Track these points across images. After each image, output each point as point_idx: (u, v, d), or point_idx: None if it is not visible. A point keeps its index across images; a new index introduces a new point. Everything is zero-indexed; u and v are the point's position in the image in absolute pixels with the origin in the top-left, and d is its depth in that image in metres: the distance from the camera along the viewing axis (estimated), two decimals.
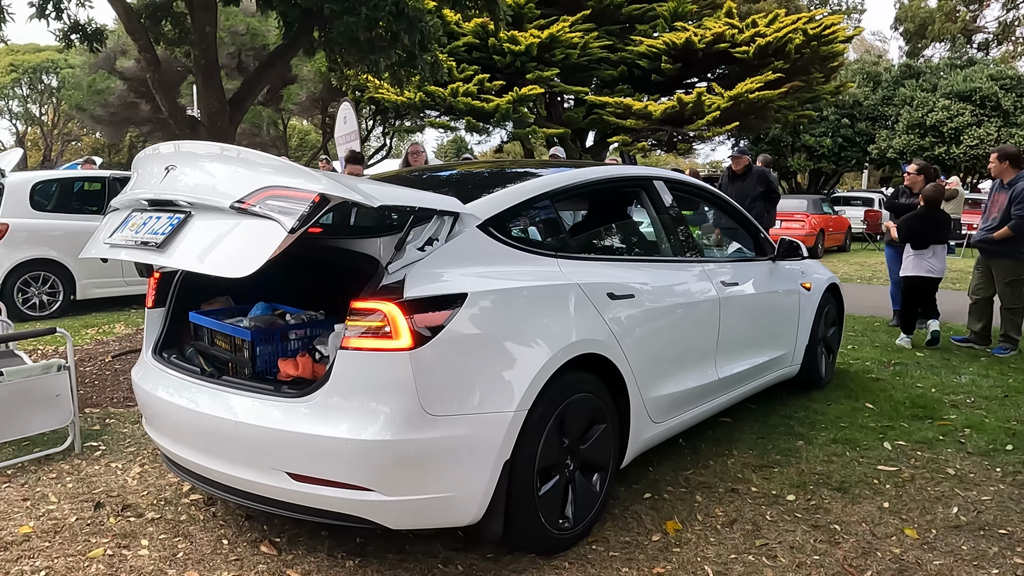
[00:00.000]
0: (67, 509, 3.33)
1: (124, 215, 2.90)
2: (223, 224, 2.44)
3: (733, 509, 3.36)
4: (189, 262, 2.48)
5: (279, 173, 2.43)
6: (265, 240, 2.28)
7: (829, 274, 5.31)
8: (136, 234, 2.70)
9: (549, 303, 2.89)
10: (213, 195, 2.49)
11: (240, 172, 2.51)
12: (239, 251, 2.36)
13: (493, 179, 3.53)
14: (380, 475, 2.46)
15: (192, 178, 2.64)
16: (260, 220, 2.34)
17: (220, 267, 2.38)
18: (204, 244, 2.46)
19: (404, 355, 2.44)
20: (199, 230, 2.51)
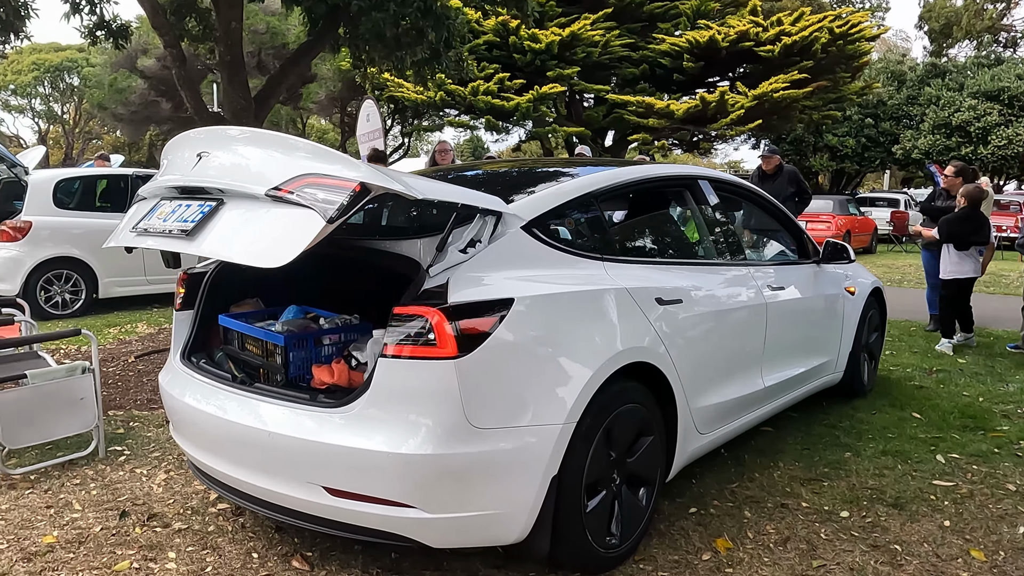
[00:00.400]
0: (92, 518, 3.22)
1: (152, 203, 2.77)
2: (257, 212, 2.31)
3: (785, 526, 3.19)
4: (219, 250, 2.36)
5: (318, 159, 2.29)
6: (301, 230, 2.14)
7: (873, 278, 5.12)
8: (164, 222, 2.57)
9: (598, 308, 2.73)
10: (247, 182, 2.35)
11: (277, 158, 2.38)
12: (273, 240, 2.22)
13: (532, 178, 3.39)
14: (423, 491, 2.32)
15: (225, 164, 2.51)
16: (297, 209, 2.19)
17: (252, 257, 2.24)
18: (236, 233, 2.33)
19: (449, 364, 2.30)
20: (231, 218, 2.37)
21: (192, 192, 2.59)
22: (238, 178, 2.41)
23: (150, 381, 5.35)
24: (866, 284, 4.95)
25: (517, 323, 2.43)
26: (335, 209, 2.12)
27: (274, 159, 2.39)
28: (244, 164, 2.49)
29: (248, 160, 2.50)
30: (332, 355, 2.91)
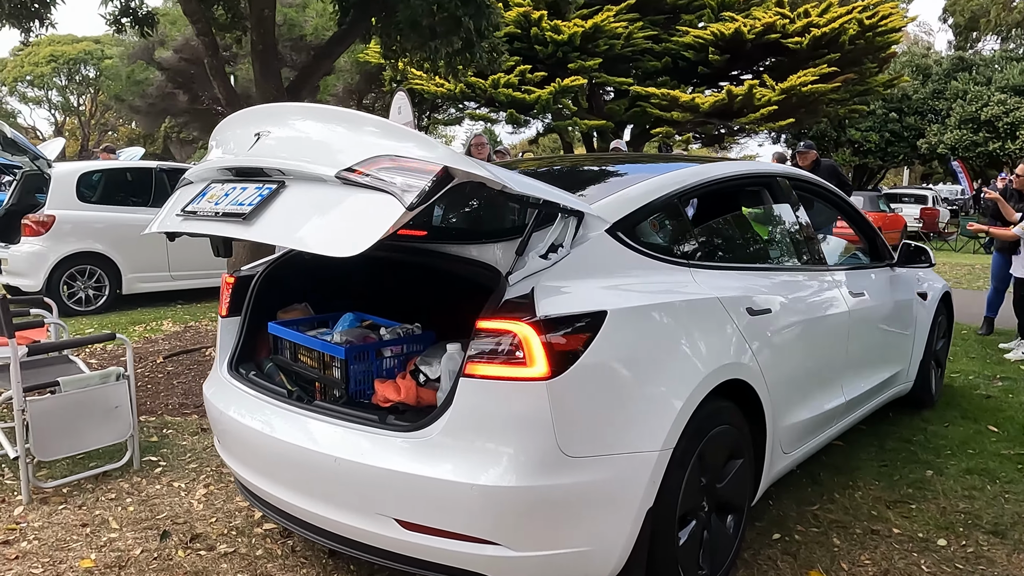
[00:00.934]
0: (131, 538, 3.00)
1: (200, 187, 2.51)
2: (325, 196, 2.04)
3: (880, 556, 2.93)
4: (281, 237, 2.11)
5: (396, 139, 2.04)
6: (378, 217, 1.87)
7: (942, 281, 4.84)
8: (216, 205, 2.30)
9: (693, 321, 2.48)
10: (314, 162, 2.09)
11: (346, 136, 2.14)
12: (345, 227, 1.96)
13: (605, 176, 3.13)
14: (510, 527, 2.08)
15: (288, 144, 2.25)
16: (372, 193, 1.93)
17: (321, 244, 1.98)
18: (301, 217, 2.07)
19: (540, 385, 2.05)
20: (294, 202, 2.11)
21: (248, 175, 2.32)
22: (303, 158, 2.13)
23: (181, 383, 5.14)
24: (937, 289, 4.67)
25: (611, 338, 2.18)
26: (416, 195, 1.86)
27: (343, 137, 2.15)
28: (309, 143, 2.23)
29: (313, 139, 2.25)
30: (394, 368, 2.67)
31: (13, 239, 7.77)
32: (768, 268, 3.19)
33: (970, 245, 18.22)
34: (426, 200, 1.87)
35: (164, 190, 8.27)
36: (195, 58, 26.31)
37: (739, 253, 3.23)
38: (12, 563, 2.79)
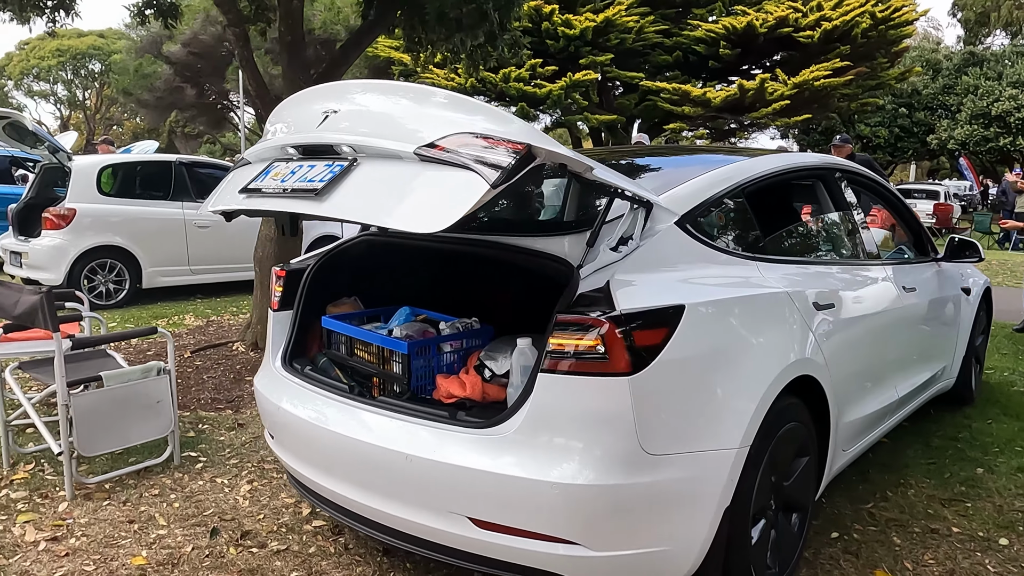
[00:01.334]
0: (180, 535, 2.95)
1: (262, 166, 2.42)
2: (401, 172, 1.97)
3: (944, 556, 2.88)
4: (358, 212, 2.01)
5: (476, 115, 1.98)
6: (461, 193, 1.80)
7: (984, 277, 4.77)
8: (283, 182, 2.22)
9: (765, 315, 2.43)
10: (390, 139, 2.01)
11: (421, 112, 2.07)
12: (427, 203, 1.89)
13: (665, 168, 3.07)
14: (589, 526, 2.02)
15: (360, 121, 2.17)
16: (452, 170, 1.86)
17: (401, 220, 1.92)
18: (377, 194, 2.00)
19: (622, 381, 2.00)
20: (369, 178, 2.04)
21: (316, 153, 2.24)
22: (377, 135, 2.06)
23: (211, 378, 5.10)
24: (980, 284, 4.61)
25: (689, 333, 2.13)
26: (500, 173, 1.79)
27: (419, 114, 2.08)
28: (381, 119, 2.15)
29: (385, 115, 2.17)
30: (454, 364, 2.62)
31: (33, 232, 7.73)
32: (828, 262, 3.13)
33: (984, 241, 18.12)
34: (510, 178, 1.79)
35: (183, 184, 8.23)
36: (203, 52, 26.25)
37: (800, 246, 3.18)
38: (63, 560, 2.75)
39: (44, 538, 2.90)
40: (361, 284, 3.14)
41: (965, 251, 4.16)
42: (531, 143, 1.84)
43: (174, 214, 8.07)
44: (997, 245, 17.47)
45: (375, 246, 2.95)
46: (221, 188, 2.57)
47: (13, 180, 10.98)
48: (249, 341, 5.85)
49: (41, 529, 2.97)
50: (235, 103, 31.09)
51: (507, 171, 1.79)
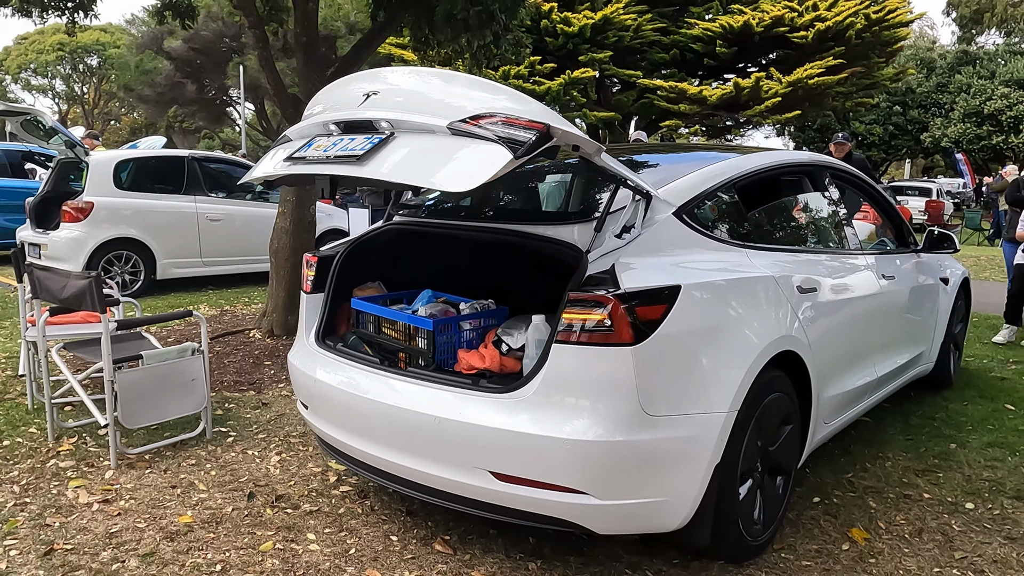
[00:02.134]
0: (219, 498, 3.23)
1: (303, 141, 2.64)
2: (435, 143, 2.23)
3: (914, 517, 3.18)
4: (397, 174, 2.24)
5: (500, 96, 2.25)
6: (488, 161, 2.07)
7: (963, 268, 5.07)
8: (325, 152, 2.46)
9: (753, 296, 2.72)
10: (425, 115, 2.27)
11: (455, 93, 2.33)
12: (457, 168, 2.13)
13: (662, 163, 3.35)
14: (597, 478, 2.31)
15: (397, 100, 2.42)
16: (480, 142, 2.12)
17: (436, 180, 2.16)
18: (413, 159, 2.24)
19: (626, 351, 2.28)
20: (406, 147, 2.29)
21: (356, 129, 2.47)
22: (414, 111, 2.31)
23: (232, 363, 5.37)
24: (958, 274, 4.91)
25: (685, 310, 2.41)
26: (522, 147, 2.06)
27: (449, 93, 2.34)
28: (418, 99, 2.39)
29: (422, 95, 2.42)
30: (472, 340, 2.90)
31: (50, 225, 7.99)
32: (812, 251, 3.42)
33: (975, 237, 18.46)
34: (530, 152, 2.07)
35: (196, 178, 8.49)
36: (204, 48, 26.46)
37: (787, 236, 3.46)
38: (116, 519, 3.03)
39: (96, 500, 3.18)
40: (384, 270, 3.42)
41: (943, 243, 4.45)
42: (550, 123, 2.12)
43: (187, 208, 8.33)
44: (987, 241, 17.79)
45: (397, 235, 3.24)
46: (263, 160, 2.80)
47: (26, 174, 11.21)
48: (265, 329, 6.12)
49: (92, 493, 3.25)
50: (235, 98, 31.33)
51: (528, 146, 2.07)
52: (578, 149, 2.27)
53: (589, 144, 2.25)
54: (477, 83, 2.36)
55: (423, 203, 3.33)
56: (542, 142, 2.09)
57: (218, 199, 8.63)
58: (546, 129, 2.10)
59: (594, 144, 2.25)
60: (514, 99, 2.26)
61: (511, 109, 2.19)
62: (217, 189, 8.77)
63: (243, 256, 8.71)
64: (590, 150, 2.27)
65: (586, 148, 2.26)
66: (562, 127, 2.15)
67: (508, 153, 2.05)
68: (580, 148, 2.27)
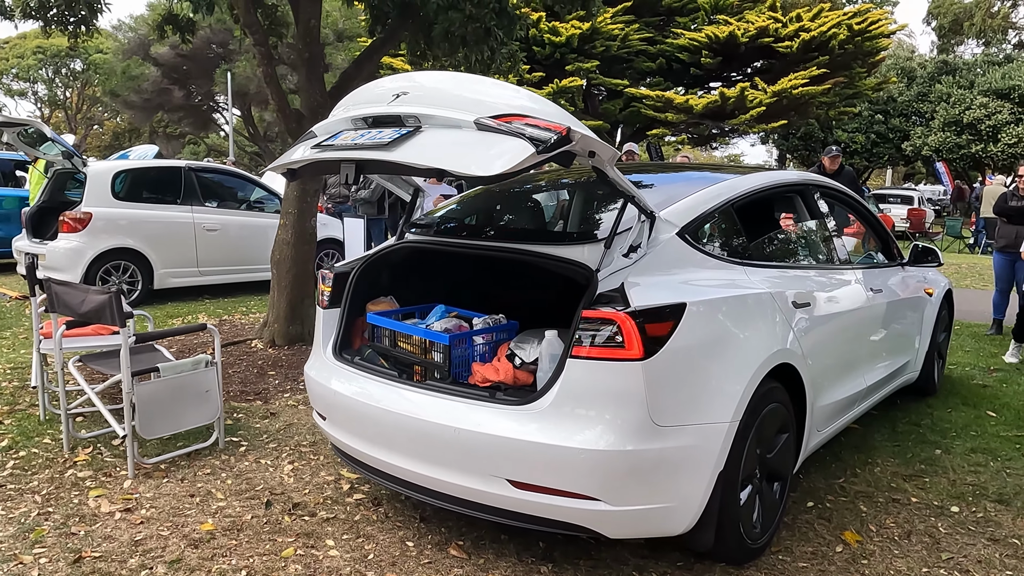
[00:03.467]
0: (238, 507, 3.34)
1: (331, 133, 2.70)
2: (461, 136, 2.32)
3: (903, 520, 3.35)
4: (424, 158, 2.31)
5: (521, 98, 2.38)
6: (511, 153, 2.17)
7: (945, 280, 5.27)
8: (353, 141, 2.53)
9: (753, 312, 2.87)
10: (453, 112, 2.36)
11: (485, 95, 2.42)
12: (482, 157, 2.22)
13: (658, 185, 3.51)
14: (610, 485, 2.45)
15: (427, 99, 2.50)
16: (505, 136, 2.23)
17: (461, 166, 2.24)
18: (440, 148, 2.33)
19: (636, 365, 2.43)
20: (433, 138, 2.37)
21: (383, 123, 2.55)
22: (442, 108, 2.41)
23: (236, 373, 5.47)
24: (941, 286, 5.10)
25: (690, 326, 2.57)
26: (543, 145, 2.17)
27: (475, 93, 2.44)
28: (446, 97, 2.48)
29: (450, 94, 2.50)
30: (485, 354, 3.04)
31: (47, 235, 8.04)
32: (805, 267, 3.59)
33: (955, 245, 18.83)
34: (551, 150, 2.19)
35: (193, 189, 8.57)
36: (191, 54, 26.43)
37: (782, 253, 3.63)
38: (139, 527, 3.13)
39: (118, 509, 3.29)
40: (396, 285, 3.54)
41: (926, 257, 4.65)
42: (571, 127, 2.25)
43: (184, 218, 8.41)
44: (968, 249, 18.15)
45: (411, 252, 3.37)
46: (287, 153, 2.86)
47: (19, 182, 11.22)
48: (266, 339, 6.22)
49: (113, 502, 3.35)
50: (222, 105, 31.33)
51: (549, 145, 2.19)
52: (594, 155, 2.39)
53: (605, 150, 2.38)
54: (502, 85, 2.49)
55: (434, 222, 3.46)
56: (563, 143, 2.21)
57: (214, 209, 8.72)
58: (567, 132, 2.22)
59: (610, 150, 2.39)
60: (536, 101, 2.39)
61: (534, 110, 2.32)
62: (213, 199, 8.86)
63: (239, 265, 8.80)
64: (605, 156, 2.39)
65: (602, 154, 2.38)
66: (581, 131, 2.28)
67: (531, 147, 2.17)
68: (596, 154, 2.39)
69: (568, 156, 2.33)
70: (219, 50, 27.28)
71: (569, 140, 2.24)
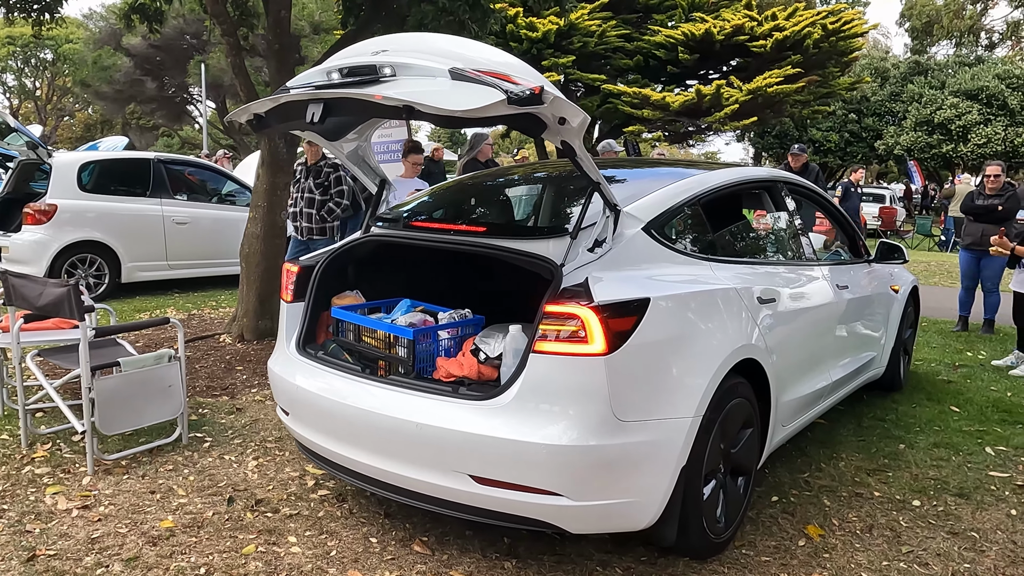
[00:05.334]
0: (199, 503, 3.29)
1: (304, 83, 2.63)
2: (437, 81, 2.31)
3: (865, 514, 3.38)
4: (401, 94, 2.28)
5: (508, 59, 2.36)
6: (483, 97, 2.16)
7: (911, 276, 5.33)
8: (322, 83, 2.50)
9: (717, 307, 2.88)
10: (430, 63, 2.34)
11: (467, 52, 2.41)
12: (455, 98, 2.20)
13: (626, 180, 3.51)
14: (572, 480, 2.44)
15: (406, 52, 2.47)
16: (478, 85, 2.22)
17: (435, 104, 2.21)
18: (416, 89, 2.31)
19: (599, 360, 2.42)
20: (409, 82, 2.35)
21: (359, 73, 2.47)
22: (420, 59, 2.38)
23: (203, 368, 5.40)
24: (907, 282, 5.16)
25: (653, 321, 2.56)
26: (517, 97, 2.15)
27: (455, 49, 2.42)
28: (428, 51, 2.45)
29: (432, 48, 2.48)
30: (450, 348, 3.02)
31: (11, 227, 7.88)
32: (771, 263, 3.61)
33: (925, 243, 19.10)
34: (522, 104, 2.17)
35: (162, 181, 8.44)
36: (164, 45, 26.04)
37: (748, 249, 3.64)
38: (97, 524, 3.08)
39: (75, 506, 3.22)
40: (362, 279, 3.51)
41: (892, 254, 4.70)
42: (544, 87, 2.23)
43: (153, 210, 8.28)
44: (937, 247, 18.43)
45: (376, 246, 3.34)
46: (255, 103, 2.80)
47: None
48: (235, 333, 6.14)
49: (71, 499, 3.29)
50: (196, 96, 30.89)
51: (521, 99, 2.17)
52: (564, 123, 2.36)
53: (575, 114, 2.35)
54: (484, 46, 2.47)
55: (400, 216, 3.43)
56: (534, 100, 2.19)
57: (184, 202, 8.59)
58: (540, 90, 2.21)
59: (581, 114, 2.36)
60: (515, 62, 2.37)
61: (512, 66, 2.31)
62: (183, 191, 8.73)
63: (210, 259, 8.69)
64: (575, 122, 2.36)
65: (571, 120, 2.36)
66: (554, 93, 2.26)
67: (502, 95, 2.15)
68: (566, 121, 2.36)
69: (538, 124, 2.32)
70: (193, 41, 26.90)
71: (541, 99, 2.22)
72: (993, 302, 7.37)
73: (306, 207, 6.18)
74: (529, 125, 2.35)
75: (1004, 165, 7.43)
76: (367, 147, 3.47)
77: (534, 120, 2.32)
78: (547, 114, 2.31)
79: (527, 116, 2.31)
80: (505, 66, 2.31)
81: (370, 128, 3.30)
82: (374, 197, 3.50)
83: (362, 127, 3.25)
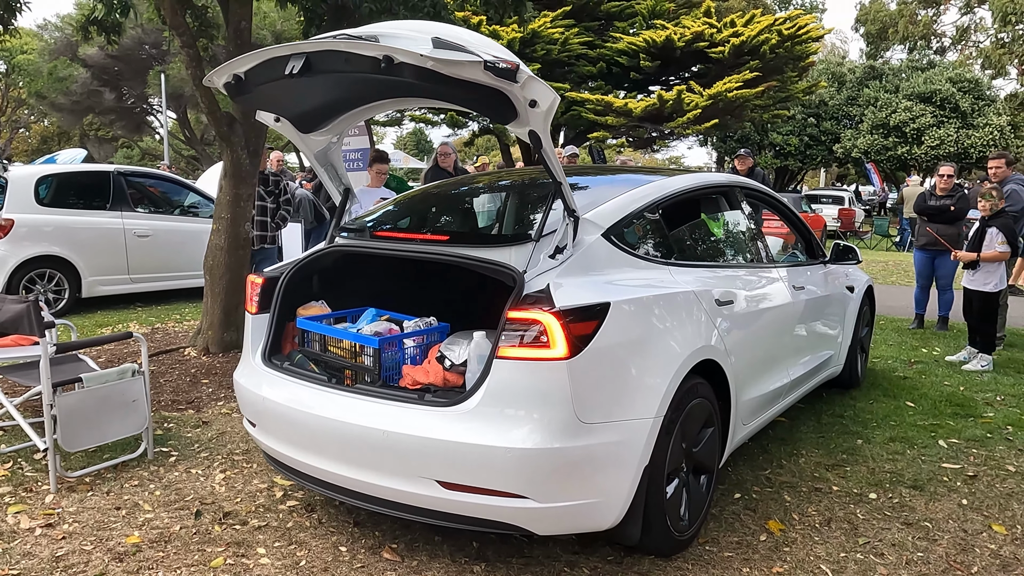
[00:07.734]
0: (166, 518, 3.28)
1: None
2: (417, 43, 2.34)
3: (824, 508, 3.48)
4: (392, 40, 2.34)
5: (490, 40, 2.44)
6: (458, 56, 2.25)
7: (866, 276, 5.48)
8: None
9: (676, 311, 2.95)
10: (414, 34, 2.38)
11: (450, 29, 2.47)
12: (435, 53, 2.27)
13: (585, 187, 3.58)
14: (537, 483, 2.49)
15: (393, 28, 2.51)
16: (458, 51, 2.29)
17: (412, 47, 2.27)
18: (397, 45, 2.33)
19: (561, 364, 2.48)
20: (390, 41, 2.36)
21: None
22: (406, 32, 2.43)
23: (168, 382, 5.35)
24: (862, 282, 5.31)
25: (614, 325, 2.63)
26: (492, 65, 2.25)
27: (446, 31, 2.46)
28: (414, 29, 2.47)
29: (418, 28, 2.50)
30: (416, 356, 3.05)
31: None
32: (729, 265, 3.70)
33: (883, 243, 19.56)
34: (497, 73, 2.26)
35: (122, 194, 8.34)
36: (122, 55, 25.66)
37: (705, 253, 3.73)
38: (62, 542, 3.05)
39: (38, 525, 3.18)
40: (327, 289, 3.53)
41: (847, 254, 4.84)
42: (520, 65, 2.30)
43: (113, 223, 8.17)
44: (895, 247, 18.88)
45: (340, 256, 3.36)
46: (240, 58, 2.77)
47: None
48: (200, 346, 6.09)
49: (34, 518, 3.25)
50: (156, 107, 30.45)
51: (497, 69, 2.26)
52: (535, 105, 2.42)
53: (546, 96, 2.41)
54: (471, 32, 2.53)
55: (364, 225, 3.46)
56: (509, 75, 2.28)
57: (146, 214, 8.49)
58: (516, 67, 2.29)
59: (552, 94, 2.43)
60: (495, 43, 2.45)
61: (493, 46, 2.38)
62: (144, 205, 8.63)
63: (173, 272, 8.59)
64: (545, 104, 2.42)
65: (542, 103, 2.42)
66: (528, 73, 2.34)
67: (480, 59, 2.24)
68: (537, 104, 2.42)
69: (509, 109, 2.38)
70: (152, 51, 26.54)
71: (515, 76, 2.30)
72: (947, 300, 7.59)
73: (258, 215, 6.21)
74: (500, 109, 2.40)
75: (956, 166, 7.63)
76: (337, 150, 3.49)
77: (505, 104, 2.37)
78: (518, 96, 2.37)
79: (498, 97, 2.37)
80: (486, 43, 2.39)
81: (344, 124, 3.30)
82: (338, 207, 3.53)
83: (335, 124, 3.27)
